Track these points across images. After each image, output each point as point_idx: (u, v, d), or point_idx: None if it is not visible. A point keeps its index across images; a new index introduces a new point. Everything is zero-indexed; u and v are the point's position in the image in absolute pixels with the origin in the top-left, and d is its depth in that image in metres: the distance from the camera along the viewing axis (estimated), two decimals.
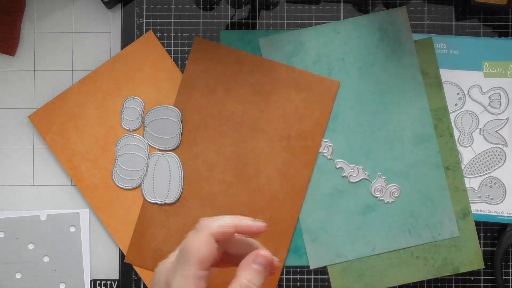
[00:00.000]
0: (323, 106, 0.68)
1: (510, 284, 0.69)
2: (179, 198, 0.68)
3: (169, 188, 0.68)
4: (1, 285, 0.68)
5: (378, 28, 0.69)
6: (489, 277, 0.69)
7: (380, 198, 0.68)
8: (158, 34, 0.70)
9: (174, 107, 0.69)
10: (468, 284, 0.69)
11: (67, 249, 0.68)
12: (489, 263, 0.69)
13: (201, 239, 0.48)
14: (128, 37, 0.70)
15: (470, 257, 0.68)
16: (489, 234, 0.69)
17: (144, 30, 0.70)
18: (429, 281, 0.69)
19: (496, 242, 0.69)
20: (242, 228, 0.50)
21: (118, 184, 0.68)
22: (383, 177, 0.68)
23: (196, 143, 0.69)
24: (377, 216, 0.68)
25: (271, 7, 0.70)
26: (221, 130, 0.69)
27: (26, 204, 0.69)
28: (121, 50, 0.70)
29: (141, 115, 0.69)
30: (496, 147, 0.68)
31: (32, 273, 0.68)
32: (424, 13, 0.70)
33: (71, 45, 0.70)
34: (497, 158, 0.68)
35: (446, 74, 0.68)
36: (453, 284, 0.69)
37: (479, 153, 0.68)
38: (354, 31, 0.69)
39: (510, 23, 0.70)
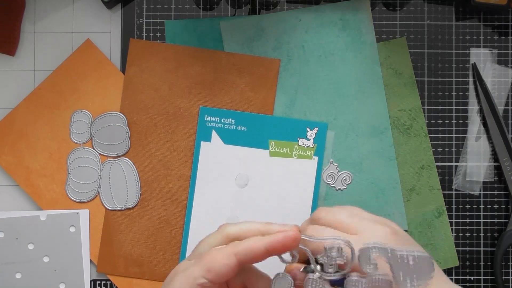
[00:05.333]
0: (268, 86, 0.69)
1: (510, 284, 0.69)
2: (139, 201, 0.68)
3: (127, 193, 0.68)
4: (1, 285, 0.68)
5: (340, 18, 0.69)
6: (489, 277, 0.69)
7: (332, 185, 0.68)
8: (158, 34, 0.70)
9: (117, 112, 0.69)
10: (468, 284, 0.69)
11: (67, 249, 0.68)
12: (489, 263, 0.69)
13: (222, 252, 0.45)
14: (128, 37, 0.70)
15: (445, 255, 0.68)
16: (489, 234, 0.69)
17: (144, 30, 0.70)
18: None
19: (496, 242, 0.69)
20: (274, 247, 0.45)
21: (73, 198, 0.68)
22: (335, 164, 0.68)
23: (149, 144, 0.69)
24: (328, 204, 0.68)
25: (271, 7, 0.70)
26: (171, 126, 0.69)
27: (26, 204, 0.69)
28: (121, 50, 0.70)
29: (90, 127, 0.69)
30: None
31: (32, 273, 0.68)
32: (424, 13, 0.70)
33: (71, 45, 0.70)
34: None
35: (233, 151, 0.68)
36: None
37: None
38: (316, 19, 0.69)
39: (510, 23, 0.70)
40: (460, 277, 0.69)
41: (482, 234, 0.69)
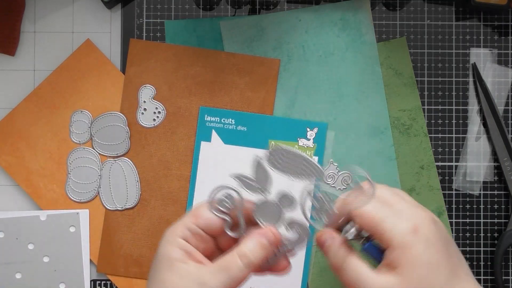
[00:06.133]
0: (268, 86, 0.69)
1: (510, 284, 0.69)
2: (139, 201, 0.68)
3: (127, 193, 0.68)
4: (1, 285, 0.68)
5: (340, 18, 0.69)
6: (489, 277, 0.69)
7: (332, 185, 0.68)
8: (158, 34, 0.70)
9: (117, 112, 0.68)
10: None
11: (67, 249, 0.68)
12: (489, 263, 0.69)
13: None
14: (128, 37, 0.70)
15: None
16: (489, 234, 0.69)
17: (144, 30, 0.70)
18: None
19: (496, 242, 0.69)
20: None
21: (73, 198, 0.68)
22: (335, 164, 0.68)
23: (149, 144, 0.69)
24: None
25: (271, 7, 0.70)
26: (171, 126, 0.69)
27: (26, 204, 0.69)
28: (121, 50, 0.70)
29: (90, 127, 0.69)
30: None
31: (32, 273, 0.68)
32: (424, 13, 0.70)
33: (71, 45, 0.70)
34: None
35: (233, 151, 0.68)
36: None
37: None
38: (316, 19, 0.69)
39: (510, 23, 0.70)
40: None
41: (482, 234, 0.69)
